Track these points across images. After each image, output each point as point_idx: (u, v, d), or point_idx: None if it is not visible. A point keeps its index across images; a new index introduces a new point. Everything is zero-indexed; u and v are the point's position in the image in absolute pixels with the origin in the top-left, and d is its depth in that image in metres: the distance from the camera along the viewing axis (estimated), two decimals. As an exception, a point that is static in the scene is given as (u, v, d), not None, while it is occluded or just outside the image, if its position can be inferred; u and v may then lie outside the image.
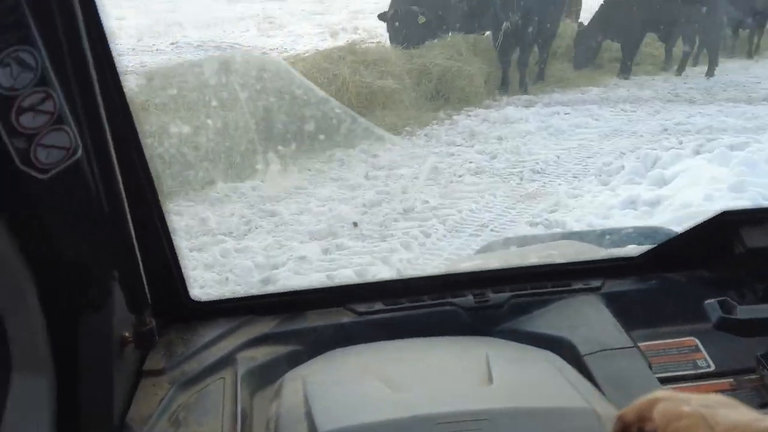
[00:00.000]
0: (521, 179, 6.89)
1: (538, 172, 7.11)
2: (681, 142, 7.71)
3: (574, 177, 6.92)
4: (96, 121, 0.93)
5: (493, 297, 1.59)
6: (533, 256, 2.16)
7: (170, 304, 1.44)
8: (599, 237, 2.58)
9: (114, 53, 1.03)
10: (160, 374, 1.35)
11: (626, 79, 11.88)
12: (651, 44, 13.90)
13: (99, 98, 0.93)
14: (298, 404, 1.25)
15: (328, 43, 11.62)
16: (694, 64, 13.20)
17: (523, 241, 2.70)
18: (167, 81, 7.44)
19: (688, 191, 5.42)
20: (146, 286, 1.15)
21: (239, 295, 1.93)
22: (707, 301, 1.38)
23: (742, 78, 12.16)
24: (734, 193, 5.12)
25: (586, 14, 12.74)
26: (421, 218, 5.95)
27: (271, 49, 12.38)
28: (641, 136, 8.28)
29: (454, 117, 9.27)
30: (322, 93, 8.17)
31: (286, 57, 9.95)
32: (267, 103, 7.71)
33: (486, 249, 2.75)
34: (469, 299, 1.58)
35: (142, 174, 1.20)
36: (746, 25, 14.44)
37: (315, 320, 1.54)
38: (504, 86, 10.80)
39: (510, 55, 10.99)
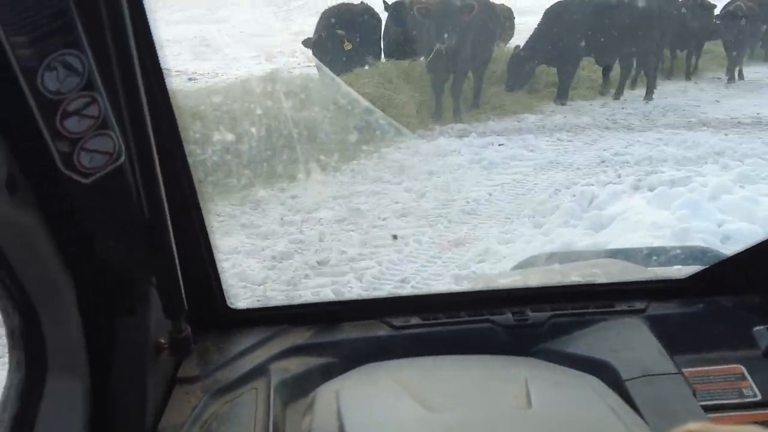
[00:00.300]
0: (450, 222, 6.30)
1: (469, 213, 6.54)
2: (620, 176, 7.27)
3: (507, 218, 6.38)
4: (140, 127, 0.91)
5: (533, 316, 1.55)
6: (575, 274, 2.06)
7: (207, 311, 1.41)
8: (645, 256, 2.45)
9: (161, 60, 0.98)
10: (193, 382, 1.32)
11: (563, 104, 11.52)
12: (588, 67, 13.64)
13: (144, 104, 0.90)
14: (331, 420, 1.23)
15: (263, 67, 10.96)
16: (633, 87, 12.97)
17: (566, 258, 2.58)
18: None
19: (626, 238, 4.91)
20: (184, 293, 1.14)
21: (275, 304, 1.86)
22: (756, 328, 1.38)
23: (681, 101, 11.93)
24: (678, 242, 4.63)
25: (522, 36, 12.36)
26: (335, 272, 5.30)
27: (201, 75, 11.71)
28: (578, 168, 7.82)
29: (383, 150, 8.68)
30: (239, 127, 7.53)
31: (201, 87, 9.24)
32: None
33: (526, 264, 2.63)
34: (507, 317, 1.54)
35: (184, 181, 1.16)
36: (684, 46, 14.34)
37: (350, 332, 1.51)
38: (437, 115, 10.28)
39: (443, 81, 10.49)
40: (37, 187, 0.88)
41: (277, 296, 4.84)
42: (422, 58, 10.97)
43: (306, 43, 10.60)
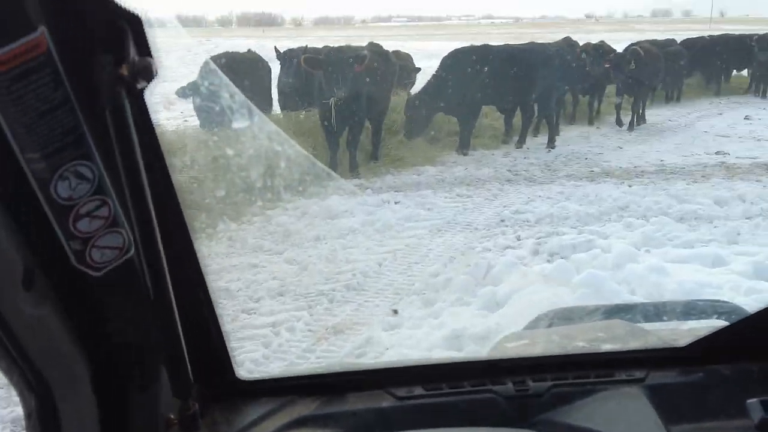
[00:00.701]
0: (331, 301, 5.52)
1: (354, 289, 5.79)
2: (519, 238, 6.71)
3: (396, 294, 5.66)
4: (147, 222, 0.97)
5: (534, 386, 1.53)
6: (580, 338, 1.98)
7: (216, 383, 1.41)
8: (656, 313, 2.31)
9: (165, 158, 1.01)
10: None
11: (465, 154, 11.06)
12: (491, 114, 13.34)
13: (150, 201, 0.96)
14: None
15: (160, 116, 10.00)
16: (536, 135, 12.71)
17: (572, 314, 2.49)
18: None
19: (521, 322, 4.25)
20: (191, 369, 1.18)
21: (283, 375, 1.87)
22: (749, 401, 1.38)
23: (584, 148, 11.70)
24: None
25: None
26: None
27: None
28: (476, 229, 7.24)
29: (269, 212, 7.89)
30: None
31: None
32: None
33: (534, 324, 2.48)
34: (509, 387, 1.53)
35: (188, 262, 1.18)
36: (586, 91, 14.28)
37: (355, 403, 1.52)
38: (332, 170, 9.57)
39: (338, 134, 9.82)
40: (52, 282, 0.94)
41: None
42: (317, 110, 10.31)
43: (179, 92, 9.76)
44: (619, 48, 14.93)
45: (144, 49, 0.88)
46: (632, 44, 14.75)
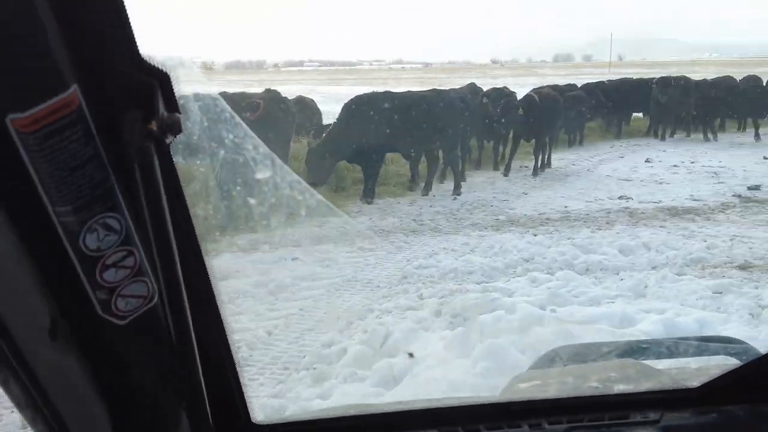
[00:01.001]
0: (210, 381, 4.88)
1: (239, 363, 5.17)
2: (421, 297, 6.27)
3: (285, 368, 5.09)
4: (171, 271, 0.98)
5: (549, 428, 1.53)
6: (592, 378, 1.90)
7: (234, 427, 1.41)
8: (668, 350, 2.28)
9: (189, 209, 1.03)
10: None
11: (370, 203, 10.66)
12: (397, 161, 13.07)
13: (175, 252, 0.97)
14: None
15: None
16: (442, 181, 12.48)
17: (583, 352, 2.38)
18: None
19: (418, 405, 3.77)
20: (210, 415, 1.21)
21: (298, 419, 1.71)
22: None
23: (490, 194, 11.52)
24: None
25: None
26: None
27: None
28: (378, 287, 6.77)
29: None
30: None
31: None
32: None
33: (544, 362, 2.37)
34: (525, 429, 1.52)
35: (209, 309, 1.18)
36: (490, 137, 14.25)
37: None
38: (224, 225, 8.94)
39: (233, 187, 9.21)
40: (77, 331, 0.95)
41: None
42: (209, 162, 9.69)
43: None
44: (523, 92, 15.08)
45: (172, 104, 0.90)
46: (534, 89, 14.90)
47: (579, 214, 9.77)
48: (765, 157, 14.62)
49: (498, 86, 15.36)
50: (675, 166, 13.84)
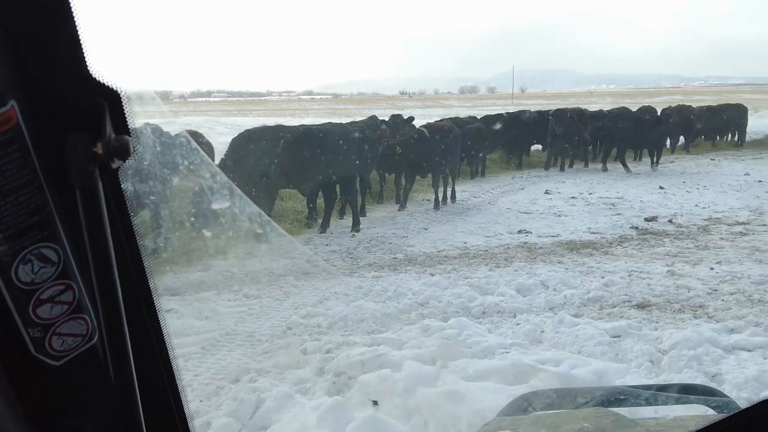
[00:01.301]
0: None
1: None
2: (305, 351, 5.67)
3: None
4: (114, 309, 0.91)
5: None
6: (565, 427, 1.86)
7: None
8: (646, 398, 2.21)
9: (138, 240, 0.97)
10: None
11: (264, 244, 10.03)
12: (295, 196, 12.53)
13: (118, 286, 0.91)
14: None
15: None
16: (341, 217, 12.03)
17: (556, 398, 2.27)
18: None
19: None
20: None
21: None
22: None
23: (390, 230, 11.11)
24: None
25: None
26: None
27: None
28: (259, 341, 6.12)
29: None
30: None
31: None
32: None
33: (515, 407, 2.31)
34: None
35: (156, 353, 1.08)
36: (392, 170, 13.91)
37: None
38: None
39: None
40: (7, 372, 0.88)
41: None
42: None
43: None
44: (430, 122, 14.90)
45: (122, 126, 0.86)
46: (425, 124, 14.78)
47: (478, 250, 9.47)
48: (661, 187, 14.94)
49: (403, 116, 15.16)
50: (573, 197, 13.89)
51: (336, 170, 10.83)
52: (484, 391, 4.36)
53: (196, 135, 13.03)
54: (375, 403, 4.42)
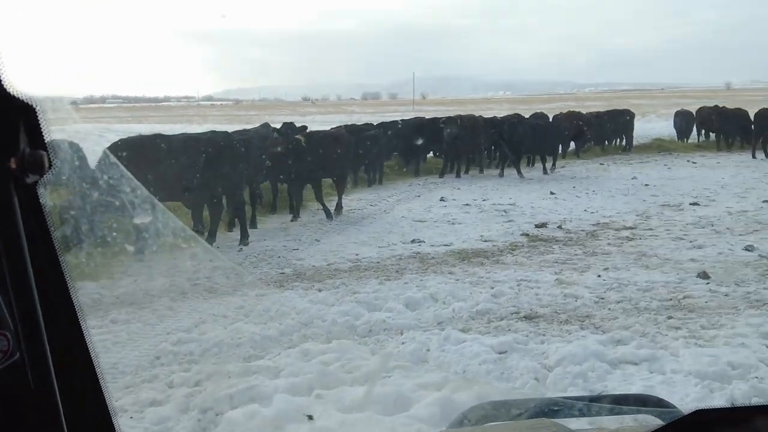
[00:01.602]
0: None
1: None
2: (171, 384, 5.16)
3: None
4: (34, 325, 0.90)
5: None
6: None
7: None
8: (589, 408, 2.17)
9: (58, 255, 0.96)
10: None
11: (141, 261, 9.34)
12: (179, 210, 11.84)
13: (37, 303, 0.90)
14: None
15: None
16: (231, 229, 11.46)
17: (498, 410, 2.18)
18: None
19: None
20: None
21: None
22: None
23: (280, 243, 10.65)
24: None
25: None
26: None
27: None
28: (122, 373, 5.51)
29: None
30: None
31: None
32: None
33: (460, 421, 2.21)
34: None
35: (80, 369, 1.06)
36: (284, 180, 13.43)
37: None
38: None
39: None
40: None
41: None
42: None
43: None
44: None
45: (37, 141, 0.85)
46: (306, 132, 14.47)
47: (370, 262, 9.17)
48: (552, 192, 15.15)
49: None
50: (467, 204, 13.87)
51: (220, 180, 10.28)
52: (358, 425, 4.02)
53: (67, 143, 12.13)
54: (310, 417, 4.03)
